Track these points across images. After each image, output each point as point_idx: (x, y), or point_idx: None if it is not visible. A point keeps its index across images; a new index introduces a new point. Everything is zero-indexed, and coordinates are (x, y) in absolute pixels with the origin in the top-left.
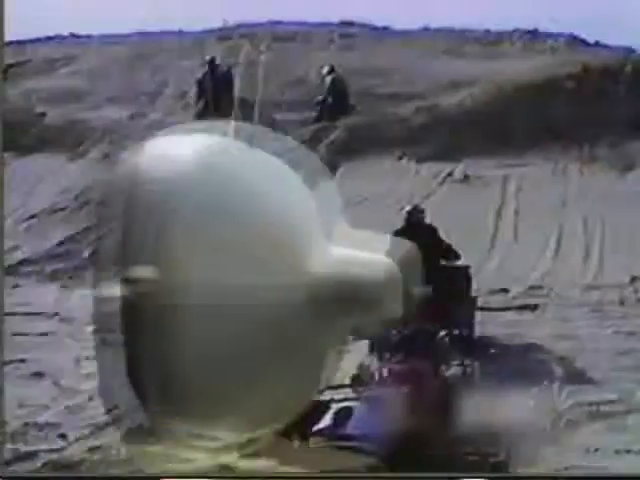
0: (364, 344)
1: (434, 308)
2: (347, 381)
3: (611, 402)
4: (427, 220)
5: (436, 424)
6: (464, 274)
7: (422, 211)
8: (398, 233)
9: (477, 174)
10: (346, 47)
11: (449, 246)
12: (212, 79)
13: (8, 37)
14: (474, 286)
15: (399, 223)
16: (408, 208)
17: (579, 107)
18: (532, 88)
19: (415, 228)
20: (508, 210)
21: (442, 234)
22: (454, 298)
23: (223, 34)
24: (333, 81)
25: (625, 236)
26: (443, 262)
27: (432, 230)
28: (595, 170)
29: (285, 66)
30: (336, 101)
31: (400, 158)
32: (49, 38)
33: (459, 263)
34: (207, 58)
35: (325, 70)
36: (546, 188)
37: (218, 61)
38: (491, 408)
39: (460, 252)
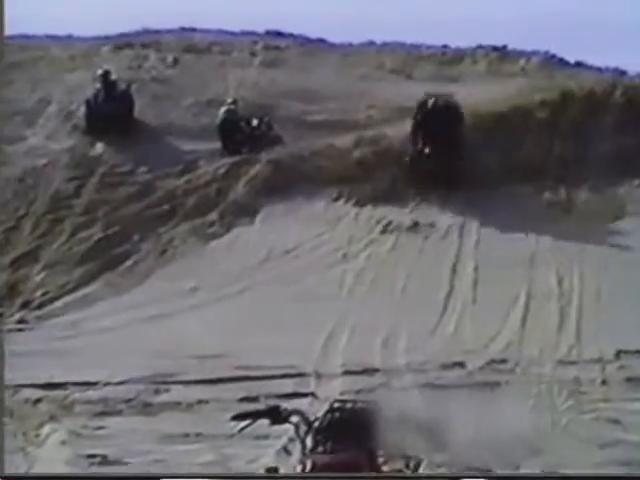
0: (285, 428)
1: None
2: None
3: None
4: None
5: None
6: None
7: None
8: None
9: (429, 221)
10: (272, 63)
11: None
12: (106, 98)
13: None
14: (422, 359)
15: (334, 281)
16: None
17: (555, 142)
18: (498, 118)
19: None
20: (466, 265)
21: None
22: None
23: (123, 41)
24: (225, 114)
25: (609, 300)
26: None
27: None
28: (574, 219)
29: (197, 84)
30: (226, 137)
31: (336, 199)
32: None
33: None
34: (99, 72)
35: (229, 100)
36: (513, 239)
37: (114, 75)
38: None
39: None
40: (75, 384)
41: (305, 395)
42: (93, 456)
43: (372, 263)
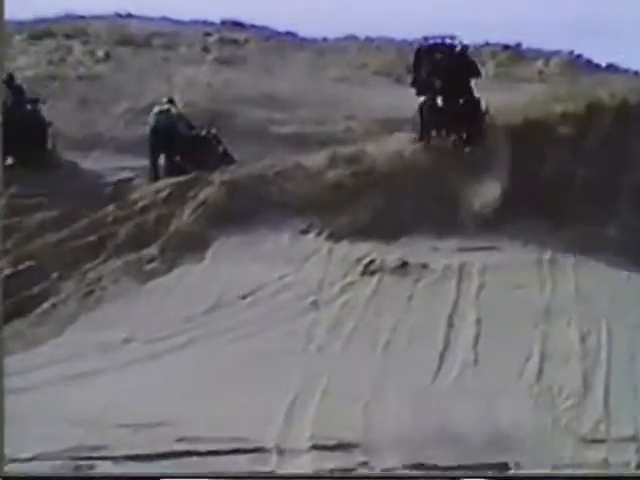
0: None
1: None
2: None
3: None
4: None
5: None
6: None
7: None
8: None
9: (420, 260)
10: (228, 60)
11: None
12: (16, 104)
13: None
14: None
15: (301, 334)
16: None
17: (579, 165)
18: (508, 133)
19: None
20: (466, 316)
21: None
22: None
23: (41, 29)
24: (156, 117)
25: None
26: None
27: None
28: (600, 261)
29: (134, 84)
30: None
31: (305, 232)
32: None
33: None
34: (3, 77)
35: (164, 100)
36: (524, 285)
37: (22, 78)
38: None
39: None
40: None
41: (264, 477)
42: None
43: (349, 312)
